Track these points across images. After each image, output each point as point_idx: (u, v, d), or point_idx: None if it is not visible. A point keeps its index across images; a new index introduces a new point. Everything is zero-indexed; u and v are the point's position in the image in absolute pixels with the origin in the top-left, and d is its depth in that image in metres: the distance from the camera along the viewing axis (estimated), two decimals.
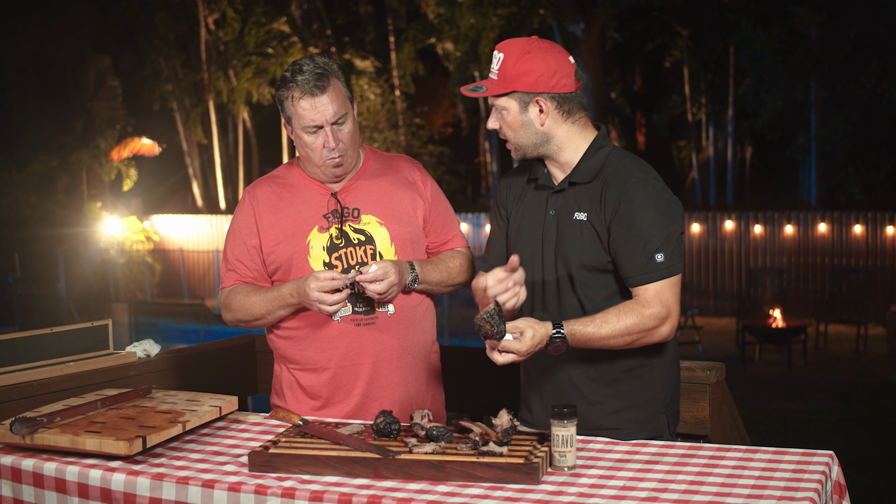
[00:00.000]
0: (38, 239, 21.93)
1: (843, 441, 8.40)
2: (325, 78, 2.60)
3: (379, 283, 2.55)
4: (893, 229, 15.49)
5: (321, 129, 2.61)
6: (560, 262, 2.44)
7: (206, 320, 16.13)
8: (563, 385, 2.48)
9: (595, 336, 2.29)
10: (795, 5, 18.73)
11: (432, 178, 2.89)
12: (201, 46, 25.21)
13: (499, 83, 2.42)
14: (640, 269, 2.33)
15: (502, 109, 2.44)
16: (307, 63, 2.63)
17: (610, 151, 2.46)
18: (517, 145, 2.47)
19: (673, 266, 2.34)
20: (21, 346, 2.87)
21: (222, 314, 2.80)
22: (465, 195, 27.56)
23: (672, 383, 2.52)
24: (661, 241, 2.33)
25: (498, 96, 2.42)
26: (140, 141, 22.77)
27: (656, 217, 2.35)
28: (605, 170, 2.43)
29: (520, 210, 2.57)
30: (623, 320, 2.30)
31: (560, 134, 2.45)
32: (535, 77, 2.39)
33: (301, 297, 2.57)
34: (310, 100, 2.59)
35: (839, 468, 2.15)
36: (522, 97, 2.41)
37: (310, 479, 2.10)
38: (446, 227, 2.85)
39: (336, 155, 2.63)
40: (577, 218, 2.42)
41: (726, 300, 16.53)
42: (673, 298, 2.34)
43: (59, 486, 2.23)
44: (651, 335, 2.33)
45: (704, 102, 22.23)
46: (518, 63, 2.39)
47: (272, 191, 2.75)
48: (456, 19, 21.61)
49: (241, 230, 2.75)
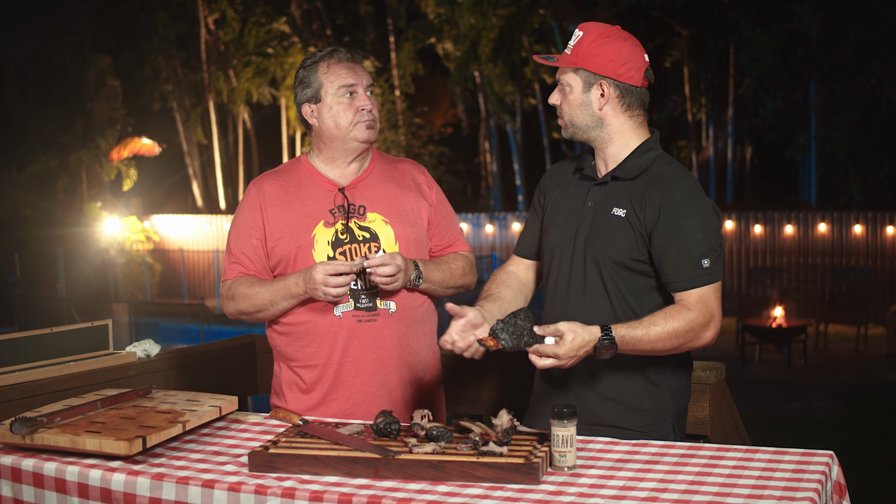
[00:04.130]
0: (38, 239, 21.93)
1: (843, 441, 8.40)
2: (359, 53, 2.76)
3: (386, 266, 2.57)
4: (893, 229, 15.49)
5: (356, 93, 2.70)
6: (589, 255, 2.45)
7: (206, 320, 16.13)
8: (576, 380, 2.48)
9: (644, 339, 2.28)
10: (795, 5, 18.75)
11: (437, 183, 2.91)
12: (201, 46, 25.22)
13: (570, 58, 2.45)
14: (687, 274, 2.34)
15: (567, 85, 2.46)
16: (335, 46, 2.80)
17: (658, 155, 2.48)
18: (570, 122, 2.48)
19: (717, 272, 2.35)
20: (21, 346, 2.87)
21: (224, 305, 2.80)
22: (465, 195, 27.58)
23: (682, 398, 2.53)
24: (708, 247, 2.35)
25: (565, 71, 2.46)
26: (140, 141, 22.77)
27: (703, 223, 2.36)
28: (650, 171, 2.44)
29: (559, 198, 2.59)
30: (670, 323, 2.30)
31: (614, 124, 2.46)
32: (605, 60, 2.42)
33: (307, 283, 2.58)
34: (348, 63, 2.73)
35: (839, 468, 2.15)
36: (588, 77, 2.43)
37: (310, 479, 2.10)
38: (450, 231, 2.88)
39: (370, 117, 2.71)
40: (616, 213, 2.43)
41: (726, 300, 16.50)
42: (716, 304, 2.35)
43: (59, 486, 2.23)
44: (697, 339, 2.33)
45: (704, 102, 22.23)
46: (593, 44, 2.42)
47: (278, 184, 2.77)
48: (456, 19, 21.63)
49: (245, 223, 2.76)
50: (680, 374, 2.50)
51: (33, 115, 24.46)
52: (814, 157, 19.62)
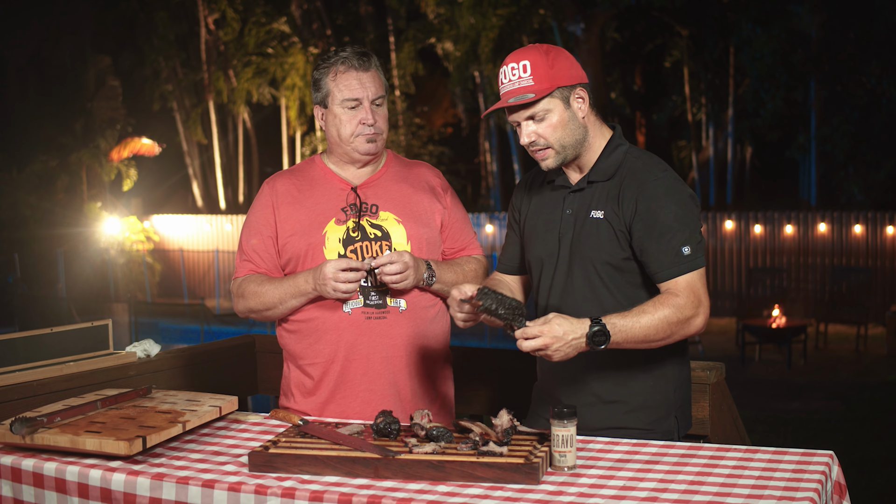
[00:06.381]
0: (38, 239, 21.93)
1: (843, 441, 8.41)
2: (368, 58, 2.70)
3: (393, 264, 2.57)
4: (893, 229, 15.49)
5: (360, 105, 2.67)
6: (576, 260, 2.44)
7: (206, 320, 16.14)
8: (576, 384, 2.48)
9: (635, 327, 2.26)
10: (795, 5, 18.75)
11: (451, 187, 2.91)
12: (201, 46, 25.21)
13: (542, 86, 2.37)
14: (668, 263, 2.33)
15: (544, 112, 2.39)
16: (350, 46, 2.76)
17: (627, 150, 2.47)
18: (562, 146, 2.42)
19: (699, 259, 2.35)
20: (21, 346, 2.87)
21: (234, 303, 2.81)
22: (465, 195, 27.56)
23: (683, 387, 2.53)
24: (686, 235, 2.34)
25: (538, 102, 2.38)
26: (140, 141, 22.77)
27: (679, 212, 2.36)
28: (622, 168, 2.43)
29: (536, 210, 2.58)
30: (660, 310, 2.28)
31: (591, 128, 2.47)
32: (568, 71, 2.40)
33: (316, 280, 2.58)
34: (354, 73, 2.67)
35: (839, 468, 2.15)
36: (564, 92, 2.40)
37: (310, 479, 2.10)
38: (463, 234, 2.87)
39: (371, 131, 2.68)
40: (594, 216, 2.43)
41: (726, 300, 16.52)
42: (703, 289, 2.34)
43: (59, 486, 2.23)
44: (687, 325, 2.31)
45: (704, 102, 22.23)
46: (550, 63, 2.39)
47: (292, 183, 2.77)
48: (456, 19, 21.61)
49: (258, 221, 2.76)
50: (678, 364, 2.50)
51: (33, 115, 24.46)
52: (814, 157, 19.61)
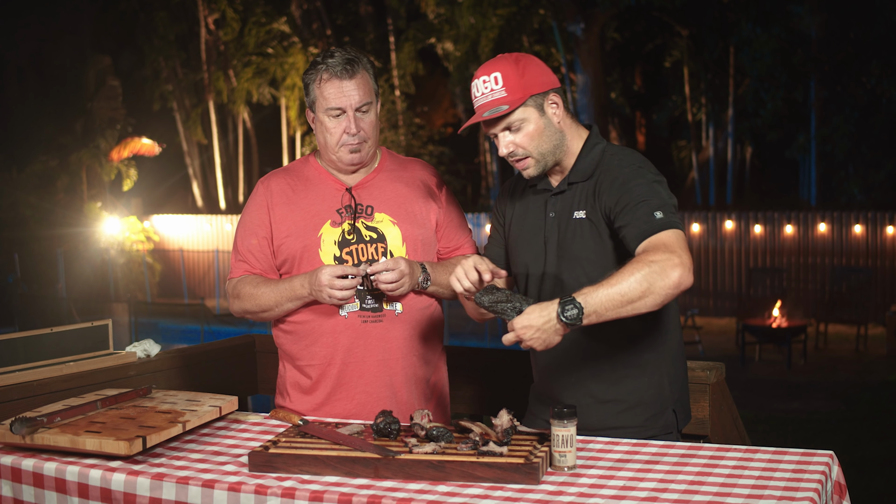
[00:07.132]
0: (38, 239, 21.93)
1: (843, 441, 8.41)
2: (355, 64, 2.64)
3: (389, 272, 2.56)
4: (893, 229, 15.49)
5: (344, 113, 2.64)
6: (564, 262, 2.44)
7: (206, 320, 16.14)
8: (571, 385, 2.48)
9: (605, 290, 2.15)
10: (795, 5, 18.74)
11: (447, 185, 2.90)
12: (201, 46, 25.21)
13: (514, 96, 2.37)
14: (641, 229, 2.26)
15: (521, 123, 2.38)
16: (338, 50, 2.68)
17: (604, 147, 2.47)
18: (541, 154, 2.42)
19: (671, 220, 2.26)
20: (21, 346, 2.87)
21: (230, 304, 2.80)
22: (464, 195, 27.55)
23: (679, 380, 2.52)
24: (657, 203, 2.29)
25: (512, 112, 2.37)
26: (140, 141, 22.77)
27: (646, 186, 2.33)
28: (600, 166, 2.44)
29: (520, 214, 2.58)
30: (634, 272, 2.16)
31: (568, 131, 2.46)
32: (540, 78, 2.40)
33: (312, 285, 2.58)
34: (337, 82, 2.63)
35: (839, 468, 2.15)
36: (537, 100, 2.39)
37: (310, 479, 2.10)
38: (458, 233, 2.86)
39: (355, 141, 2.65)
40: (577, 216, 2.43)
41: (726, 300, 16.53)
42: (678, 244, 2.21)
43: (59, 486, 2.23)
44: (665, 277, 2.15)
45: (704, 102, 22.22)
46: (521, 72, 2.38)
47: (286, 183, 2.76)
48: (456, 19, 21.61)
49: (252, 221, 2.75)
50: (673, 358, 2.49)
51: (33, 115, 24.46)
52: (814, 157, 19.61)
